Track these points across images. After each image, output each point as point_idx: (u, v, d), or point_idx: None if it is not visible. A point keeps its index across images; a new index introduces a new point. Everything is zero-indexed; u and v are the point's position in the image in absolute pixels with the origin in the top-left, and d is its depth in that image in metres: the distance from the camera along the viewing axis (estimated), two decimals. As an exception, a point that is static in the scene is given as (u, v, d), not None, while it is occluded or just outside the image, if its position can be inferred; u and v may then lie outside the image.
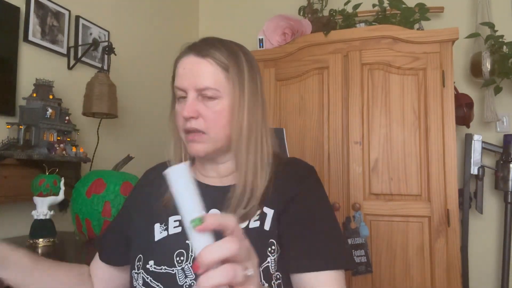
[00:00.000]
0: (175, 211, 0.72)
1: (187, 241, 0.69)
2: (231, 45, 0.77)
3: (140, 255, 0.72)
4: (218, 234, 0.43)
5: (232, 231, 0.42)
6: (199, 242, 0.42)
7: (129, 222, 0.80)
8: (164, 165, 0.84)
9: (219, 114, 0.72)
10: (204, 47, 0.74)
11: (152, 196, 0.79)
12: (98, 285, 0.83)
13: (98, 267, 0.83)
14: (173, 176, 0.44)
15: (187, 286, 0.65)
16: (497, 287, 2.11)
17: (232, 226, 0.42)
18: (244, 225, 0.70)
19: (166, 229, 0.73)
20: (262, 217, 0.71)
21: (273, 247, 0.69)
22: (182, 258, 0.68)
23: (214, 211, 0.72)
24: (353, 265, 0.76)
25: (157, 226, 0.74)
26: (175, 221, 0.73)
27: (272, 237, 0.70)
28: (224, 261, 0.40)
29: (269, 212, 0.72)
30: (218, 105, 0.72)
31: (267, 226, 0.70)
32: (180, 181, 0.44)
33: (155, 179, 0.83)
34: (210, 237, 0.42)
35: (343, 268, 0.69)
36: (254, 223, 0.70)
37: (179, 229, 0.72)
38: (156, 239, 0.72)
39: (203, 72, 0.72)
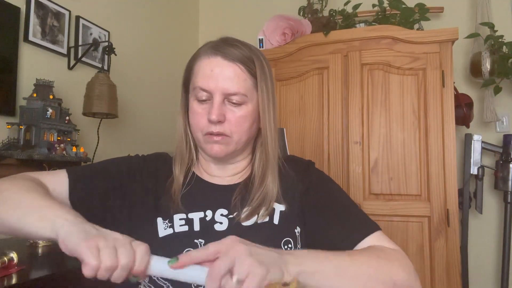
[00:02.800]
0: (180, 209, 0.74)
1: (195, 240, 0.70)
2: (253, 49, 0.77)
3: None
4: None
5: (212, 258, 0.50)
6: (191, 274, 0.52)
7: (120, 189, 0.75)
8: (168, 156, 0.85)
9: (244, 118, 0.74)
10: (231, 50, 0.73)
11: (156, 187, 0.77)
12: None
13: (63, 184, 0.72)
14: (157, 271, 0.52)
15: (195, 285, 0.65)
16: (497, 287, 2.11)
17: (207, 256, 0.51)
18: (252, 221, 0.73)
19: (172, 227, 0.72)
20: (271, 212, 0.74)
21: (289, 245, 0.72)
22: None
23: (221, 211, 0.74)
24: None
25: (159, 221, 0.73)
26: (180, 219, 0.73)
27: (286, 234, 0.73)
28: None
29: (278, 207, 0.75)
30: (242, 110, 0.73)
31: (276, 221, 0.74)
32: (164, 269, 0.52)
33: (159, 170, 0.81)
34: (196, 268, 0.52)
35: (379, 229, 0.72)
36: (262, 219, 0.73)
37: (185, 228, 0.72)
38: (160, 235, 0.71)
39: (233, 78, 0.72)
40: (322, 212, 0.74)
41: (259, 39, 2.11)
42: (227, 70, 0.72)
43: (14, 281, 0.88)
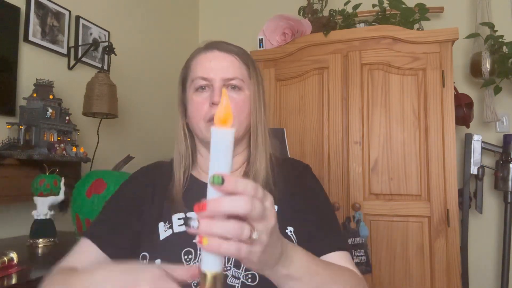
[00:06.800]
0: (179, 209, 0.74)
1: (194, 240, 0.69)
2: (243, 49, 0.84)
3: (145, 253, 0.72)
4: None
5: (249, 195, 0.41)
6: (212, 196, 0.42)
7: (137, 219, 0.77)
8: (163, 164, 0.86)
9: (243, 103, 0.78)
10: (224, 45, 0.80)
11: (155, 195, 0.79)
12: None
13: (91, 250, 0.73)
14: (219, 136, 0.43)
15: (195, 284, 0.67)
16: (497, 287, 2.11)
17: (250, 193, 0.40)
18: None
19: (171, 227, 0.73)
20: None
21: None
22: (190, 256, 0.69)
23: None
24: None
25: (161, 225, 0.74)
26: (179, 219, 0.74)
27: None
28: (232, 218, 0.39)
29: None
30: (241, 95, 0.78)
31: None
32: (223, 143, 0.42)
33: (156, 178, 0.82)
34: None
35: (348, 250, 0.74)
36: None
37: (184, 228, 0.73)
38: (161, 238, 0.72)
39: (230, 65, 0.78)
40: (304, 218, 0.76)
41: (259, 39, 2.11)
42: (224, 60, 0.78)
43: (14, 281, 0.88)
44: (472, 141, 2.04)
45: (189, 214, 0.75)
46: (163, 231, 0.73)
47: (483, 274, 2.15)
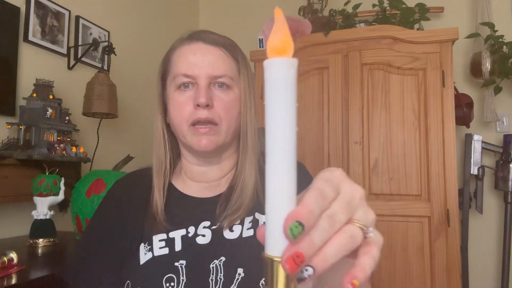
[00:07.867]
0: (160, 228, 0.66)
1: (176, 263, 0.63)
2: (231, 40, 0.75)
3: (128, 281, 0.64)
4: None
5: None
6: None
7: (117, 246, 0.68)
8: (144, 172, 0.76)
9: (232, 104, 0.68)
10: (211, 36, 0.70)
11: (137, 213, 0.70)
12: None
13: None
14: (275, 71, 0.29)
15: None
16: (497, 287, 2.11)
17: (320, 207, 0.29)
18: (236, 234, 0.66)
19: (151, 250, 0.65)
20: (255, 224, 0.67)
21: None
22: (172, 283, 0.61)
23: (204, 223, 0.68)
24: None
25: (141, 247, 0.66)
26: (160, 240, 0.66)
27: None
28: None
29: (262, 218, 0.67)
30: (230, 95, 0.68)
31: None
32: (282, 81, 0.29)
33: (135, 192, 0.73)
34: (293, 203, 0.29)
35: None
36: (247, 232, 0.66)
37: (166, 250, 0.65)
38: (141, 263, 0.64)
39: (218, 60, 0.68)
40: None
41: (259, 39, 2.11)
42: (211, 54, 0.68)
43: (14, 281, 0.88)
44: (472, 141, 2.04)
45: (172, 234, 0.66)
46: (143, 254, 0.65)
47: (483, 274, 2.15)
